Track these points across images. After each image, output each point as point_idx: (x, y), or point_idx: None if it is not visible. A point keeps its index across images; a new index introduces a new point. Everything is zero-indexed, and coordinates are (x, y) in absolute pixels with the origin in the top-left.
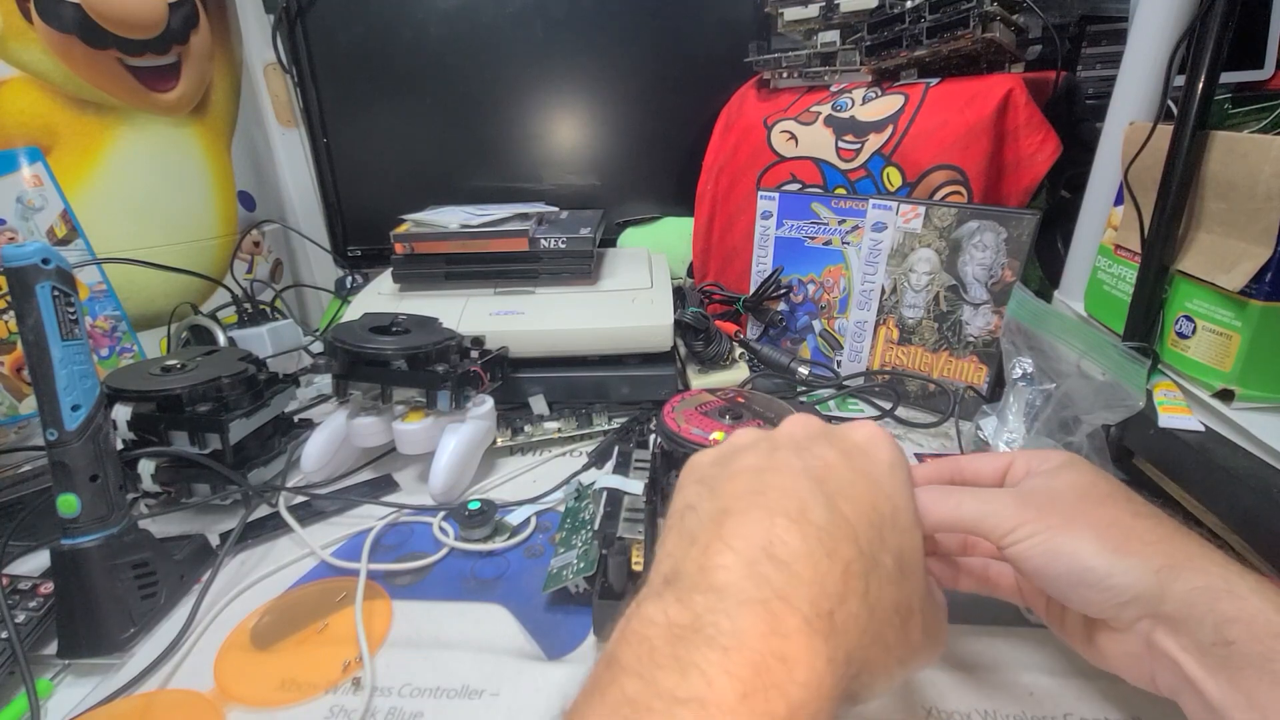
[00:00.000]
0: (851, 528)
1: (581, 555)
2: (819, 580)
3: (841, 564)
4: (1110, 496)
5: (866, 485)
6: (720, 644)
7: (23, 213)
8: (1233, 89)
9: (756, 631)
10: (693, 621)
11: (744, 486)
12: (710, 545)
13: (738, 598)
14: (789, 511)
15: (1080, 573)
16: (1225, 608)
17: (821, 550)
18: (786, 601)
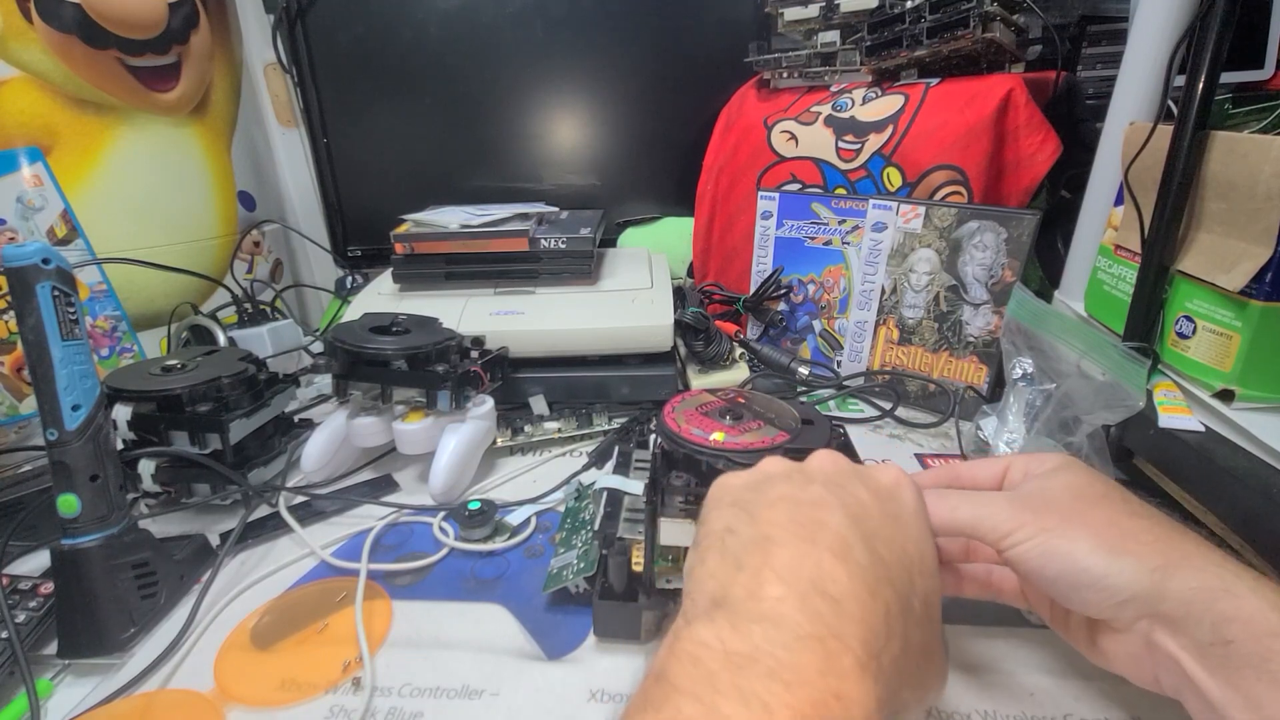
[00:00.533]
0: (888, 569)
1: (581, 555)
2: (866, 620)
3: (883, 605)
4: (1106, 497)
5: (897, 528)
6: (782, 678)
7: (23, 213)
8: (1233, 89)
9: (815, 668)
10: (751, 651)
11: (785, 516)
12: (760, 573)
13: (795, 632)
14: (833, 548)
15: (1077, 573)
16: (1223, 607)
17: (866, 590)
18: (840, 640)
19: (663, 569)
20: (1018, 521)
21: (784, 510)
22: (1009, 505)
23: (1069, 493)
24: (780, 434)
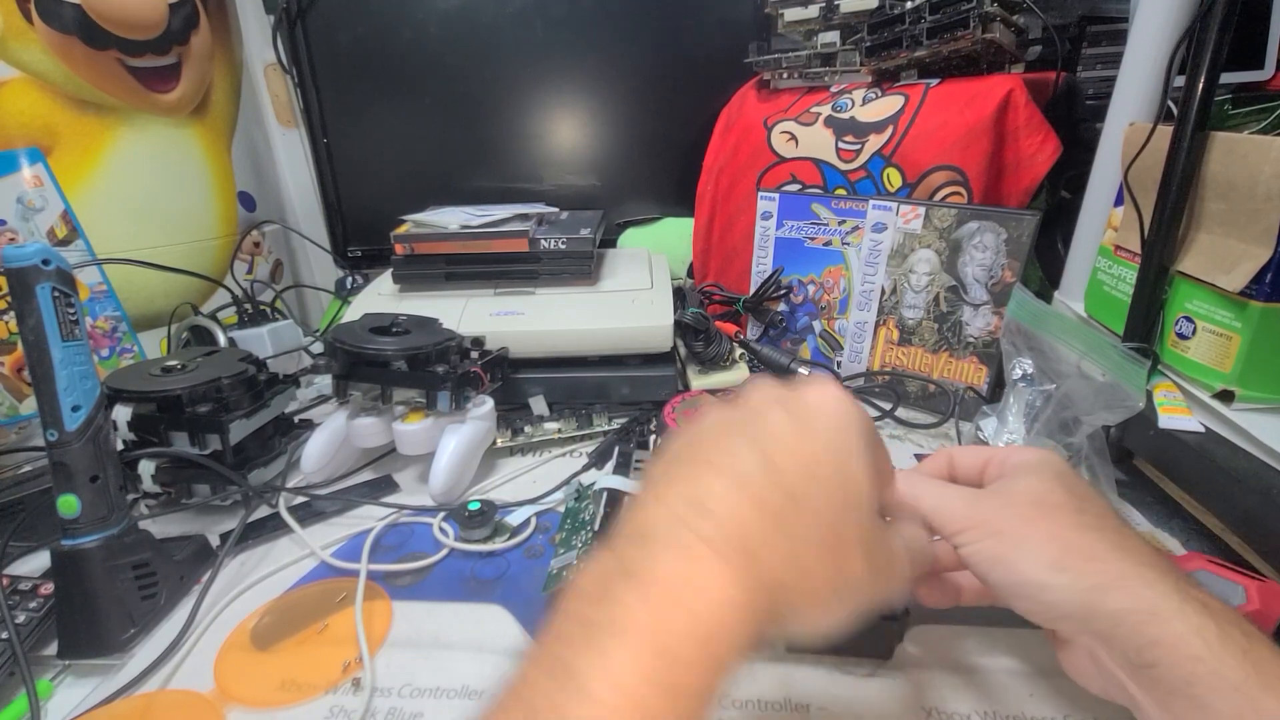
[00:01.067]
0: (781, 474)
1: (581, 555)
2: (736, 518)
3: (757, 502)
4: (1060, 508)
5: (804, 437)
6: (638, 577)
7: (23, 213)
8: (1233, 89)
9: (671, 564)
10: (618, 565)
11: (687, 450)
12: (647, 505)
13: (661, 542)
14: (720, 465)
15: (1017, 584)
16: (1149, 630)
17: (747, 497)
18: (700, 537)
19: None
20: (970, 522)
21: (687, 445)
22: (967, 504)
23: (1026, 499)
24: None
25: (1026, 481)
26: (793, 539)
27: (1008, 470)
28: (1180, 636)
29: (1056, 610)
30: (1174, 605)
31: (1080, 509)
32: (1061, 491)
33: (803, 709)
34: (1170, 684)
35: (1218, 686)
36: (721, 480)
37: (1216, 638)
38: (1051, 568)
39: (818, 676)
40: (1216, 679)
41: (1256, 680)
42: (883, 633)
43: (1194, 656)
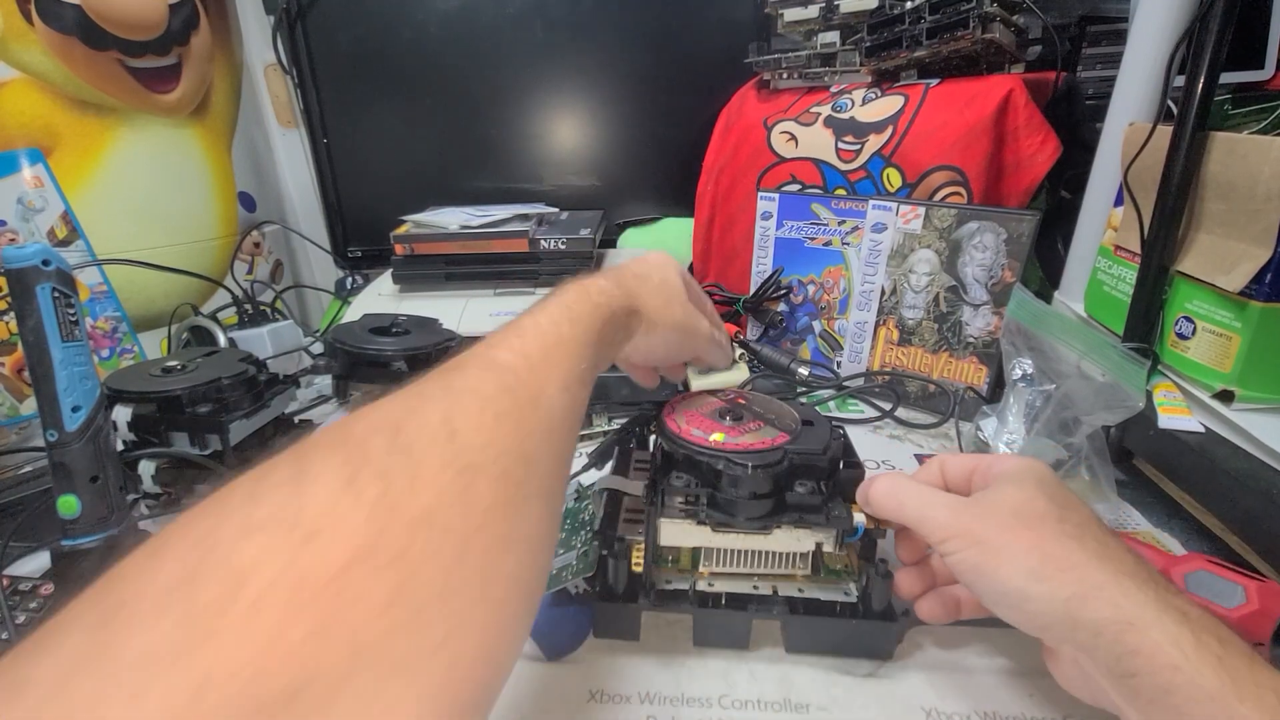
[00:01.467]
0: (641, 267)
1: (581, 556)
2: (618, 278)
3: (628, 276)
4: (1042, 517)
5: (659, 274)
6: (564, 299)
7: (23, 214)
8: (1233, 89)
9: (575, 292)
10: (558, 295)
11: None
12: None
13: (582, 289)
14: (622, 269)
15: (999, 594)
16: (1128, 640)
17: (623, 274)
18: (601, 277)
19: (663, 570)
20: (954, 530)
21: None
22: (950, 512)
23: (1009, 508)
24: (780, 435)
25: (1009, 490)
26: (644, 287)
27: (992, 478)
28: (1158, 646)
29: (1038, 620)
30: (1152, 614)
31: (1062, 517)
32: (1043, 500)
33: (802, 709)
34: (1150, 693)
35: (1195, 696)
36: (612, 273)
37: (1193, 646)
38: (1031, 577)
39: (817, 677)
40: (1193, 688)
41: (1232, 689)
42: (883, 633)
43: (1171, 666)
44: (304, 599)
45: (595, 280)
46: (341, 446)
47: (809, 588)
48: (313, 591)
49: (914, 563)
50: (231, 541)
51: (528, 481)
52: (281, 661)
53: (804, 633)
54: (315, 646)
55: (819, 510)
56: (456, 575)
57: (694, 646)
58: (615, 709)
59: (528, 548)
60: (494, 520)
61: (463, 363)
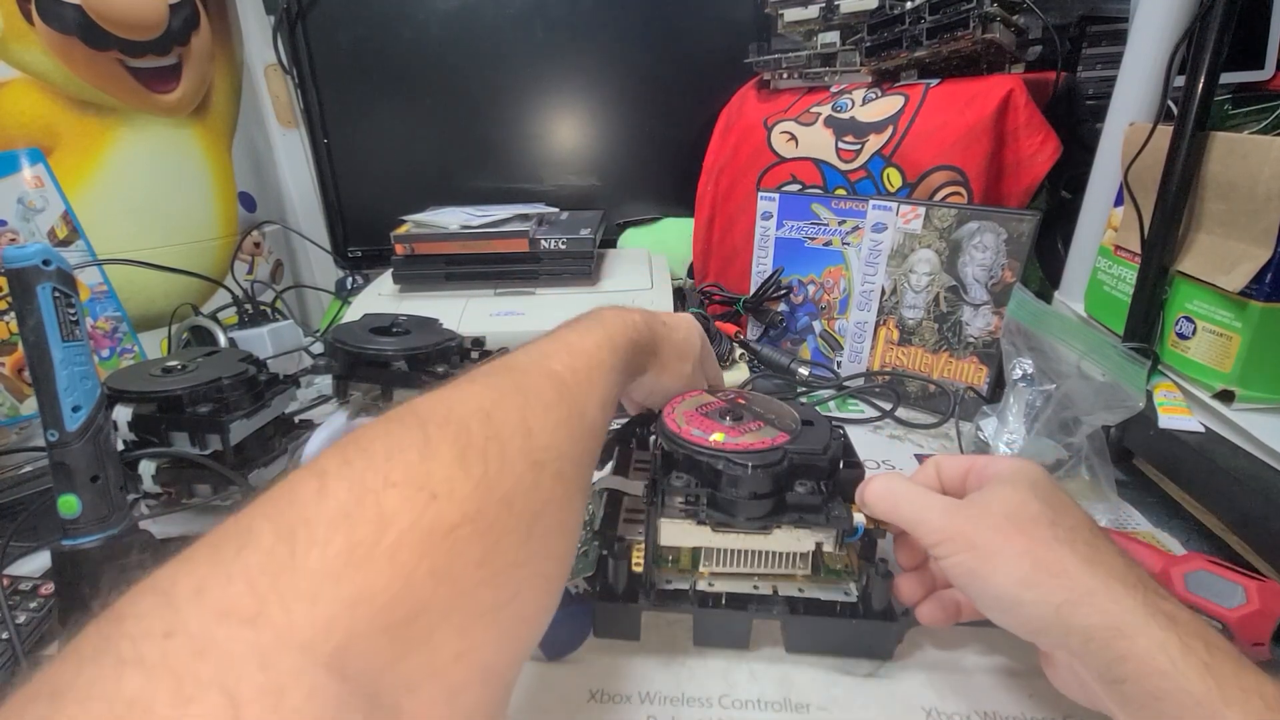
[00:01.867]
0: (660, 322)
1: (581, 556)
2: (636, 326)
3: (647, 329)
4: (1034, 521)
5: (678, 320)
6: (600, 324)
7: (24, 214)
8: (1233, 90)
9: (621, 317)
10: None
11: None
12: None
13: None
14: (633, 319)
15: (992, 599)
16: (1117, 646)
17: (643, 324)
18: (618, 321)
19: (663, 570)
20: (947, 534)
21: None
22: (945, 515)
23: (1002, 512)
24: (780, 434)
25: (1003, 492)
26: (670, 337)
27: (986, 479)
28: (1146, 652)
29: (1031, 626)
30: (1140, 620)
31: (1054, 520)
32: (1036, 503)
33: (802, 709)
34: (1139, 699)
35: (1183, 702)
36: (641, 315)
37: (1180, 652)
38: (1023, 584)
39: (817, 677)
40: (1181, 694)
41: (1219, 694)
42: (883, 633)
43: (1159, 672)
44: (429, 546)
45: (632, 314)
46: (451, 425)
47: (809, 588)
48: (435, 541)
49: (913, 568)
50: (379, 490)
51: (575, 481)
52: (410, 592)
53: (804, 633)
54: (433, 585)
55: (819, 510)
56: (525, 549)
57: (694, 646)
58: (615, 709)
59: (570, 537)
60: (551, 510)
61: (524, 367)
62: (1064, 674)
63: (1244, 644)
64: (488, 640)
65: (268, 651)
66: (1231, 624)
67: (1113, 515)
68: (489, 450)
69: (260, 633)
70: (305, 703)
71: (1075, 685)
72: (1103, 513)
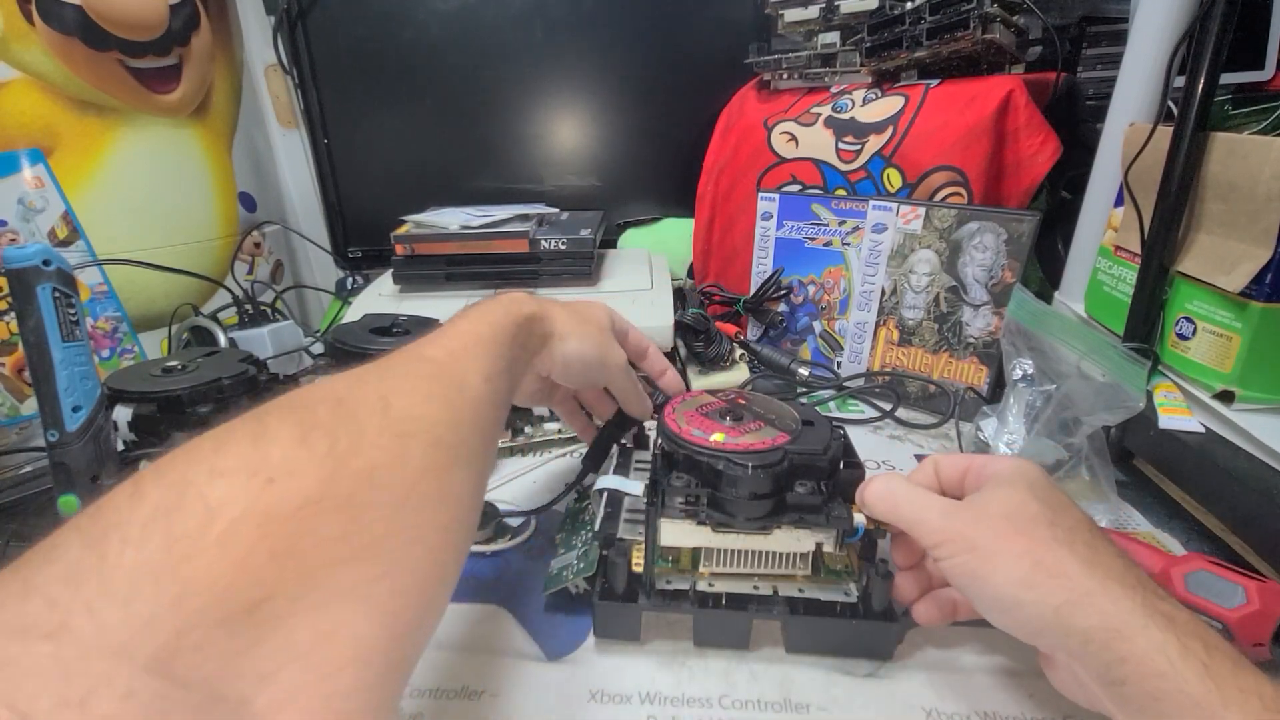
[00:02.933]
0: (568, 308)
1: (582, 556)
2: (528, 295)
3: (555, 307)
4: (1033, 521)
5: (586, 304)
6: (479, 307)
7: (24, 214)
8: (1233, 90)
9: (498, 298)
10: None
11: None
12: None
13: (497, 299)
14: (541, 304)
15: (991, 600)
16: (1116, 648)
17: (547, 306)
18: (519, 303)
19: (663, 570)
20: (946, 535)
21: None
22: (943, 516)
23: (1000, 513)
24: (780, 435)
25: (1001, 493)
26: (562, 309)
27: (984, 479)
28: (1145, 653)
29: (1029, 627)
30: (1139, 621)
31: (1053, 521)
32: (1035, 503)
33: (802, 709)
34: (1139, 701)
35: (1181, 703)
36: (536, 303)
37: (1178, 653)
38: (1022, 585)
39: (817, 677)
40: (1180, 695)
41: (1217, 695)
42: (883, 633)
43: (1158, 673)
44: (267, 530)
45: (513, 293)
46: (294, 410)
47: (809, 588)
48: (275, 524)
49: (909, 567)
50: (203, 482)
51: (457, 449)
52: (246, 579)
53: (804, 633)
54: (274, 569)
55: (819, 510)
56: (395, 523)
57: (694, 646)
58: (616, 709)
59: (456, 508)
60: (428, 480)
61: (392, 357)
62: (1063, 675)
63: (1244, 644)
64: (357, 617)
65: (70, 662)
66: (1232, 624)
67: (1113, 516)
68: (338, 428)
69: (61, 645)
70: (119, 708)
71: (1074, 686)
72: (1103, 513)
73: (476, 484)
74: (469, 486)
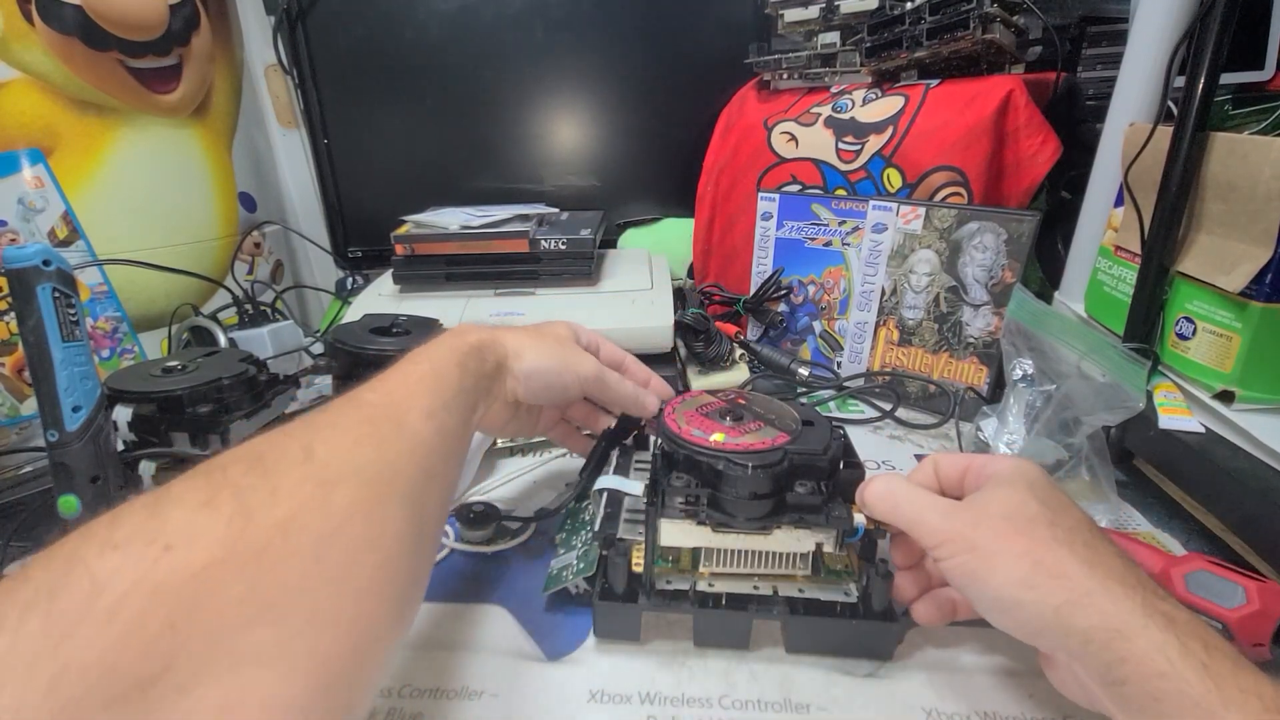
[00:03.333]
0: (531, 334)
1: (582, 556)
2: (474, 327)
3: (511, 333)
4: (1033, 521)
5: (539, 325)
6: (422, 348)
7: (24, 214)
8: (1233, 90)
9: (442, 336)
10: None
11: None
12: None
13: (441, 337)
14: (513, 332)
15: (991, 600)
16: (1116, 648)
17: (518, 336)
18: (479, 334)
19: (663, 570)
20: (947, 535)
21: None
22: (943, 516)
23: (1000, 513)
24: (780, 435)
25: (1001, 493)
26: (513, 329)
27: (984, 479)
28: (1145, 654)
29: (1030, 627)
30: (1139, 622)
31: (1053, 521)
32: (1035, 504)
33: (803, 709)
34: (1139, 701)
35: (1181, 703)
36: (513, 336)
37: (1179, 653)
38: (1022, 585)
39: (817, 677)
40: (1180, 696)
41: (1217, 696)
42: (883, 633)
43: (1158, 673)
44: (160, 599)
45: (460, 325)
46: (203, 475)
47: (809, 588)
48: (169, 592)
49: (909, 567)
50: (92, 557)
51: (389, 486)
52: (137, 654)
53: (804, 633)
54: (171, 639)
55: (819, 511)
56: (315, 572)
57: (694, 647)
58: (616, 709)
59: (390, 550)
60: (353, 522)
61: (328, 405)
62: (1063, 675)
63: (1244, 644)
64: (270, 679)
65: None
66: (1232, 624)
67: (1113, 516)
68: (248, 485)
69: None
70: None
71: (1075, 686)
72: (1103, 513)
73: (418, 521)
74: (407, 524)
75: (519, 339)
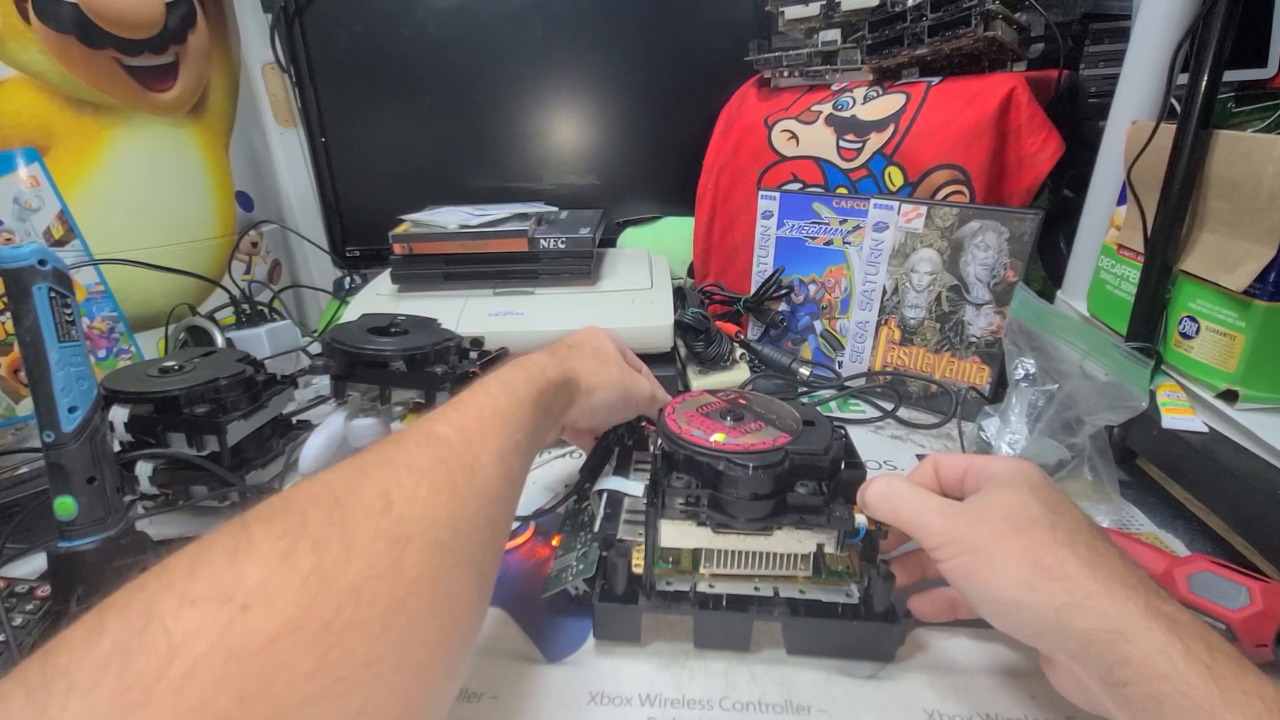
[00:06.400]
0: (573, 348)
1: (581, 557)
2: (554, 358)
3: (564, 357)
4: (1034, 522)
5: (589, 333)
6: (496, 375)
7: (20, 214)
8: (1236, 88)
9: (518, 363)
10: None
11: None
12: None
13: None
14: (557, 349)
15: (992, 602)
16: (1118, 649)
17: (556, 357)
18: (537, 362)
19: (663, 571)
20: (947, 536)
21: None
22: (943, 518)
23: (1000, 514)
24: (781, 435)
25: (1001, 495)
26: (578, 355)
27: (984, 480)
28: (1147, 655)
29: (1031, 629)
30: (1141, 623)
31: (1054, 523)
32: (1036, 505)
33: (803, 710)
34: (1141, 702)
35: (1184, 705)
36: (547, 348)
37: (1181, 655)
38: (1023, 587)
39: (818, 678)
40: (1182, 697)
41: (1219, 697)
42: (884, 635)
43: (1161, 675)
44: (232, 670)
45: (531, 356)
46: (282, 518)
47: (810, 589)
48: (241, 663)
49: (910, 584)
50: (168, 614)
51: (459, 549)
52: None
53: (805, 634)
54: (238, 714)
55: (820, 511)
56: (380, 643)
57: (695, 648)
58: (616, 711)
59: (453, 614)
60: (421, 589)
61: (402, 436)
62: (1064, 677)
63: (1247, 645)
64: None
65: None
66: (1235, 625)
67: (1115, 516)
68: (328, 537)
69: None
70: None
71: (1076, 688)
72: (1105, 513)
73: (479, 583)
74: (471, 589)
75: (589, 368)
